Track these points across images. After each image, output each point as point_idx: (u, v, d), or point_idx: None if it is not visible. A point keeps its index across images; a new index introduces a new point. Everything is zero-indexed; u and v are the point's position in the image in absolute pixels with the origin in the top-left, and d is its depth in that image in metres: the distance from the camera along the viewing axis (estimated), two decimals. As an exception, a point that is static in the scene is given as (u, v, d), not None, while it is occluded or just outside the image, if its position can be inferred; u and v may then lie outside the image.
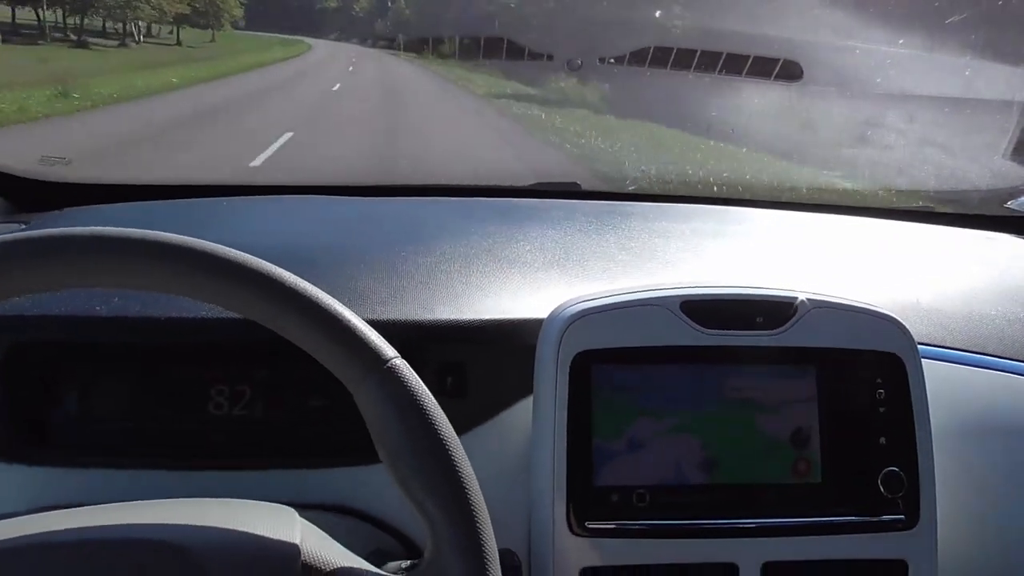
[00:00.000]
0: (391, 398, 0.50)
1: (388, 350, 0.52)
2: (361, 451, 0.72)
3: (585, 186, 1.46)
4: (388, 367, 0.51)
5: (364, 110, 10.07)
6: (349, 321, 0.51)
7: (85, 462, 0.74)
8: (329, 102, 10.41)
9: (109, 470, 0.74)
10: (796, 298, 0.75)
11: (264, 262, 0.51)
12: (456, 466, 0.50)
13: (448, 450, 0.50)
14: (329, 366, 0.51)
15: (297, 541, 0.53)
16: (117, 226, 0.51)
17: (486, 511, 0.51)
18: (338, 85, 12.12)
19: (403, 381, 0.51)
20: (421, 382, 0.52)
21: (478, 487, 0.51)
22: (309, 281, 0.53)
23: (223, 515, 0.55)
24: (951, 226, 1.31)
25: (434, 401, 0.52)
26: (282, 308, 0.50)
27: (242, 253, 0.51)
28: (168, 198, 1.18)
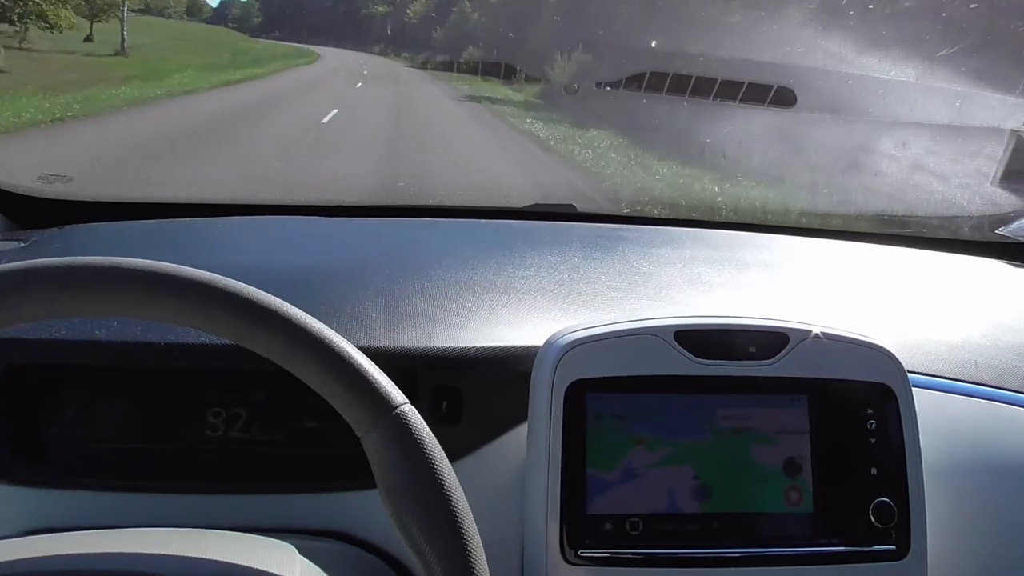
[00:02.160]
0: (398, 445, 0.50)
1: (397, 396, 0.52)
2: (357, 476, 0.72)
3: (581, 208, 1.47)
4: (396, 414, 0.51)
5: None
6: (360, 365, 0.51)
7: (80, 484, 0.74)
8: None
9: (104, 492, 0.74)
10: (789, 329, 0.75)
11: (277, 300, 0.52)
12: (457, 517, 0.50)
13: (451, 501, 0.50)
14: (338, 408, 0.52)
15: (297, 575, 0.53)
16: (116, 245, 0.52)
17: (485, 563, 0.51)
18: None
19: (410, 429, 0.51)
20: (428, 430, 0.52)
21: (478, 538, 0.51)
22: (306, 304, 0.53)
23: (219, 548, 0.55)
24: (942, 252, 1.32)
25: (440, 449, 0.52)
26: (293, 348, 0.51)
27: (257, 290, 0.52)
28: (166, 216, 1.19)
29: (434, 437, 0.52)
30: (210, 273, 0.51)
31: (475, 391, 0.78)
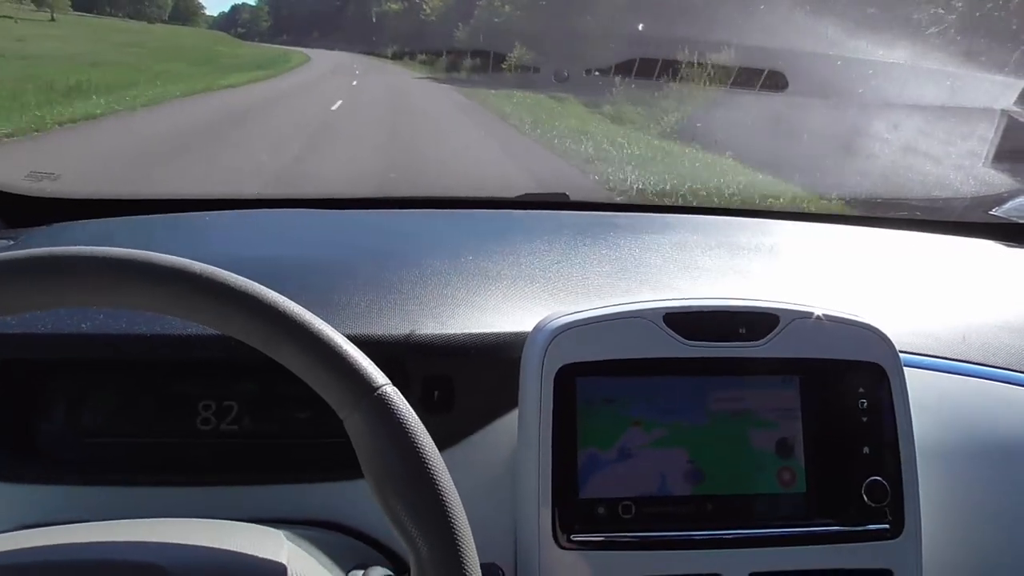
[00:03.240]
0: (380, 425, 0.50)
1: (379, 377, 0.51)
2: (346, 466, 0.72)
3: (573, 197, 1.46)
4: (378, 394, 0.51)
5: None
6: (340, 347, 0.51)
7: (71, 478, 0.74)
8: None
9: (95, 487, 0.74)
10: (779, 309, 0.75)
11: (256, 284, 0.51)
12: (442, 495, 0.50)
13: (435, 479, 0.50)
14: (319, 391, 0.51)
15: (284, 561, 0.53)
16: (105, 241, 0.51)
17: (472, 540, 0.51)
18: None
19: (392, 409, 0.51)
20: (411, 409, 0.52)
21: (464, 516, 0.51)
22: (294, 295, 0.53)
23: (208, 536, 0.55)
24: (935, 233, 1.32)
25: (423, 429, 0.52)
26: (273, 331, 0.50)
27: (235, 275, 0.51)
28: (155, 212, 1.18)
29: (417, 417, 0.52)
30: (186, 259, 0.51)
31: (465, 379, 0.78)
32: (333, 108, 10.28)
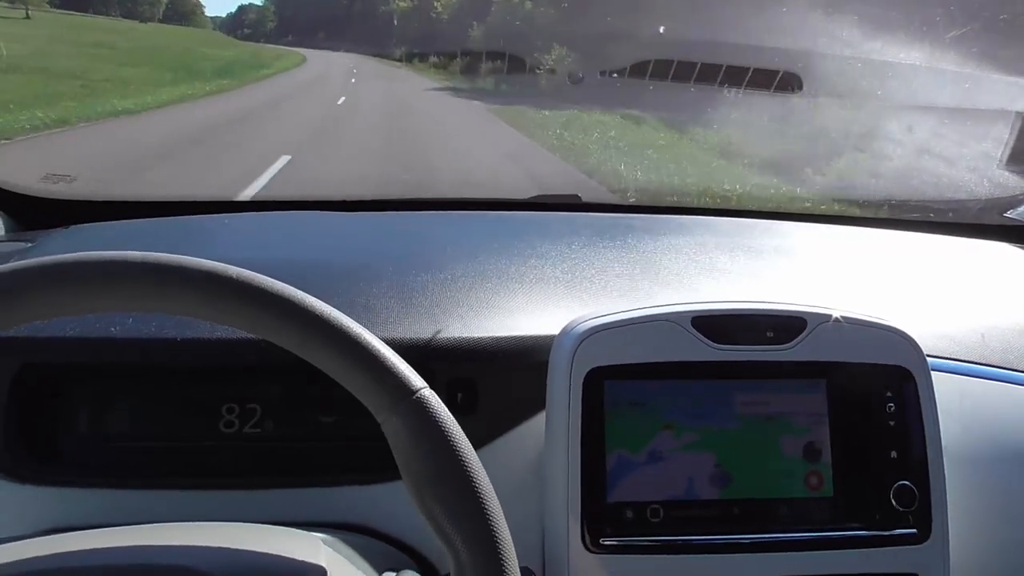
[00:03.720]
0: (419, 429, 0.50)
1: (416, 380, 0.51)
2: (374, 469, 0.72)
3: (586, 198, 1.46)
4: (416, 398, 0.51)
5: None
6: (377, 350, 0.51)
7: (96, 482, 0.74)
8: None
9: (120, 490, 0.74)
10: (807, 313, 0.75)
11: (290, 288, 0.51)
12: (483, 499, 0.50)
13: (475, 483, 0.50)
14: (357, 394, 0.51)
15: (324, 564, 0.53)
16: (123, 244, 0.51)
17: (512, 545, 0.50)
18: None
19: (431, 412, 0.51)
20: (449, 413, 0.52)
21: (504, 520, 0.51)
22: (319, 298, 0.53)
23: (243, 539, 0.55)
24: (950, 235, 1.32)
25: (461, 432, 0.51)
26: (310, 335, 0.50)
27: (269, 279, 0.51)
28: (173, 214, 1.18)
29: (455, 420, 0.52)
30: (222, 264, 0.51)
31: (490, 382, 0.78)
32: (277, 165, 6.03)
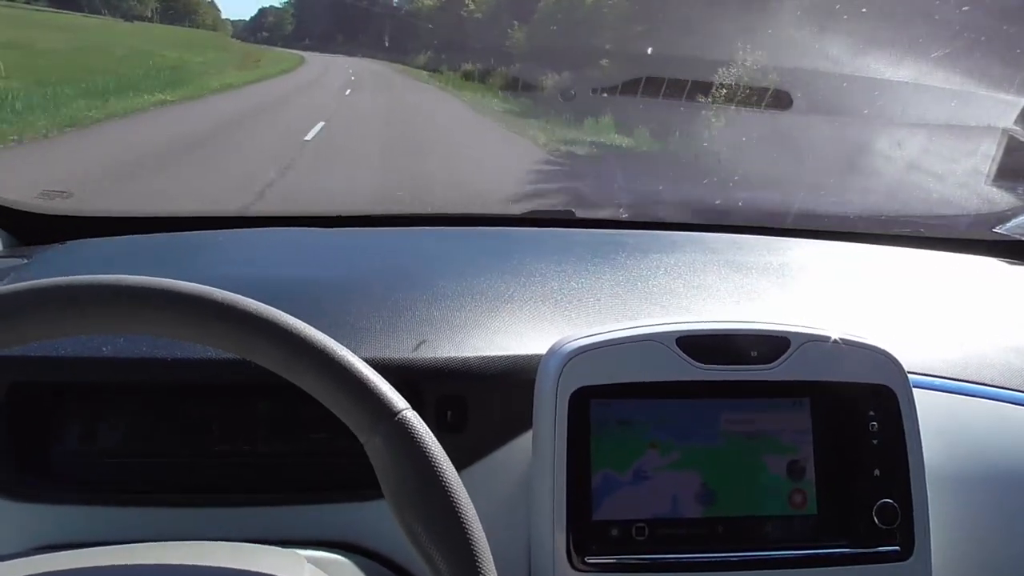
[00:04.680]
0: (400, 449, 0.51)
1: (399, 401, 0.52)
2: (362, 487, 0.72)
3: (579, 213, 1.47)
4: (398, 419, 0.51)
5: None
6: (360, 371, 0.52)
7: (87, 499, 0.74)
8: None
9: (111, 507, 0.74)
10: (789, 332, 0.76)
11: (275, 310, 0.52)
12: (463, 518, 0.50)
13: (455, 503, 0.51)
14: (340, 415, 0.52)
15: None
16: (118, 260, 0.52)
17: (492, 563, 0.51)
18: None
19: (412, 433, 0.51)
20: (431, 434, 0.52)
21: (484, 539, 0.51)
22: (309, 317, 0.54)
23: (228, 558, 0.56)
24: (940, 251, 1.33)
25: (443, 452, 0.52)
26: (293, 357, 0.51)
27: (254, 301, 0.52)
28: (166, 230, 1.19)
29: (437, 441, 0.52)
30: (207, 287, 0.52)
31: (479, 400, 0.79)
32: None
